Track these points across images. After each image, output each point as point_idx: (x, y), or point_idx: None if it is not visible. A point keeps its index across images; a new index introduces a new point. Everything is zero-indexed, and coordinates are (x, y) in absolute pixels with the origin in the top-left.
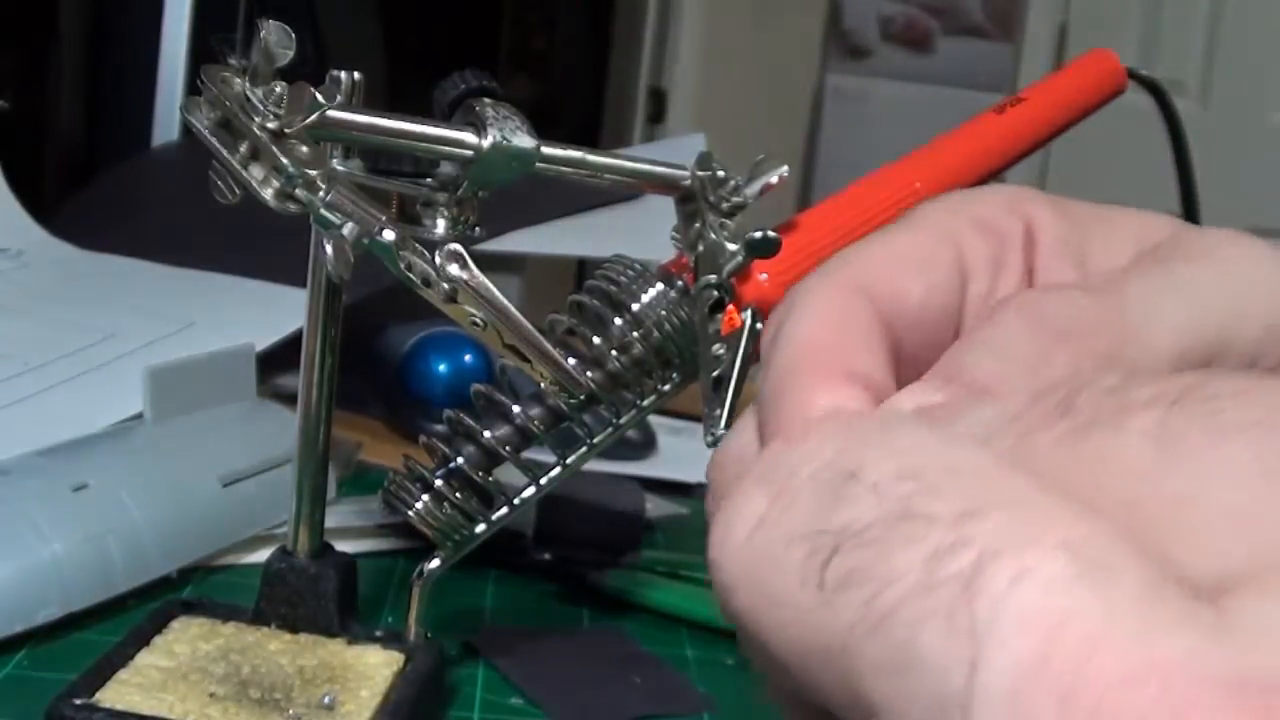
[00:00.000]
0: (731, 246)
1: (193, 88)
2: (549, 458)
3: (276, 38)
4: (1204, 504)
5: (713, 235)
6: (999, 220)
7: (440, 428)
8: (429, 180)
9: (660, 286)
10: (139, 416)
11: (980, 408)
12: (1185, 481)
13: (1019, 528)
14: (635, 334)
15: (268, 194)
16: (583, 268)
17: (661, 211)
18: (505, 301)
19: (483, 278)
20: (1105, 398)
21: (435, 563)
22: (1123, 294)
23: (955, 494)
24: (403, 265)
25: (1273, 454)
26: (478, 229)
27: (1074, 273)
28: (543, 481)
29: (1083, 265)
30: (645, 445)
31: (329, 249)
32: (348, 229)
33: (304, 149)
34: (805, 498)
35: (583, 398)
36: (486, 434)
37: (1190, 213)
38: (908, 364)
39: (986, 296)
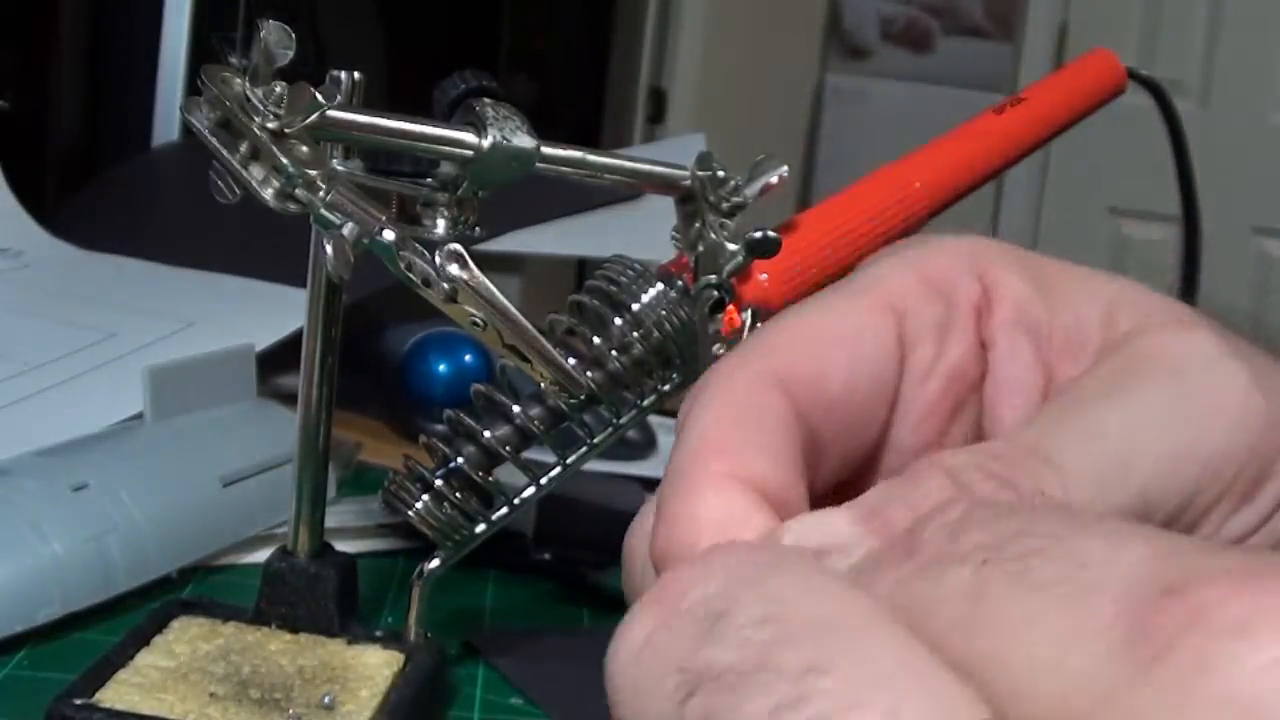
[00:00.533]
0: (731, 246)
1: (193, 88)
2: (549, 458)
3: (276, 38)
4: (1010, 663)
5: (713, 235)
6: (953, 281)
7: (440, 428)
8: (429, 180)
9: (660, 286)
10: (139, 416)
11: (857, 546)
12: (992, 641)
13: (852, 690)
14: (635, 334)
15: (268, 194)
16: (583, 268)
17: (661, 211)
18: (505, 301)
19: (483, 278)
20: (941, 539)
21: (435, 563)
22: (1049, 464)
23: (807, 646)
24: (403, 265)
25: (1065, 616)
26: (478, 229)
27: (1028, 345)
28: (543, 481)
29: (1039, 339)
30: (645, 445)
31: (329, 249)
32: (348, 229)
33: (304, 149)
34: (682, 629)
35: (583, 398)
36: (486, 434)
37: (1190, 213)
38: (832, 444)
39: (930, 364)
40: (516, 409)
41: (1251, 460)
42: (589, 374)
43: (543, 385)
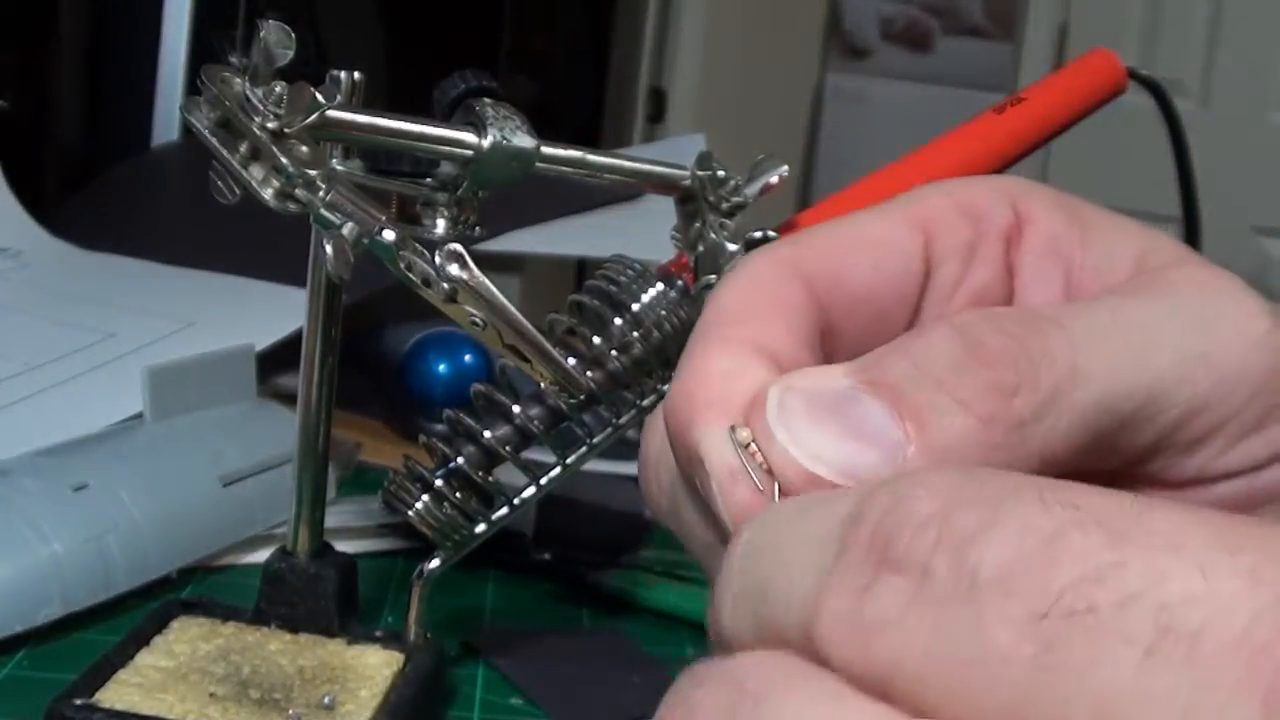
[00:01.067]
0: (731, 246)
1: (193, 88)
2: (549, 458)
3: (276, 38)
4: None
5: (713, 235)
6: (986, 208)
7: (440, 428)
8: (429, 180)
9: (660, 286)
10: (139, 416)
11: (851, 396)
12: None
13: None
14: (635, 334)
15: (268, 194)
16: (583, 268)
17: (661, 211)
18: (505, 301)
19: (483, 278)
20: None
21: (435, 563)
22: (1062, 330)
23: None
24: (403, 265)
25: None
26: (478, 229)
27: (1057, 275)
28: (543, 481)
29: (1070, 270)
30: None
31: (329, 249)
32: (348, 229)
33: (304, 149)
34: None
35: (583, 398)
36: (486, 434)
37: (1190, 213)
38: (849, 345)
39: (955, 283)
40: (516, 409)
41: (1265, 388)
42: (589, 374)
43: (543, 385)
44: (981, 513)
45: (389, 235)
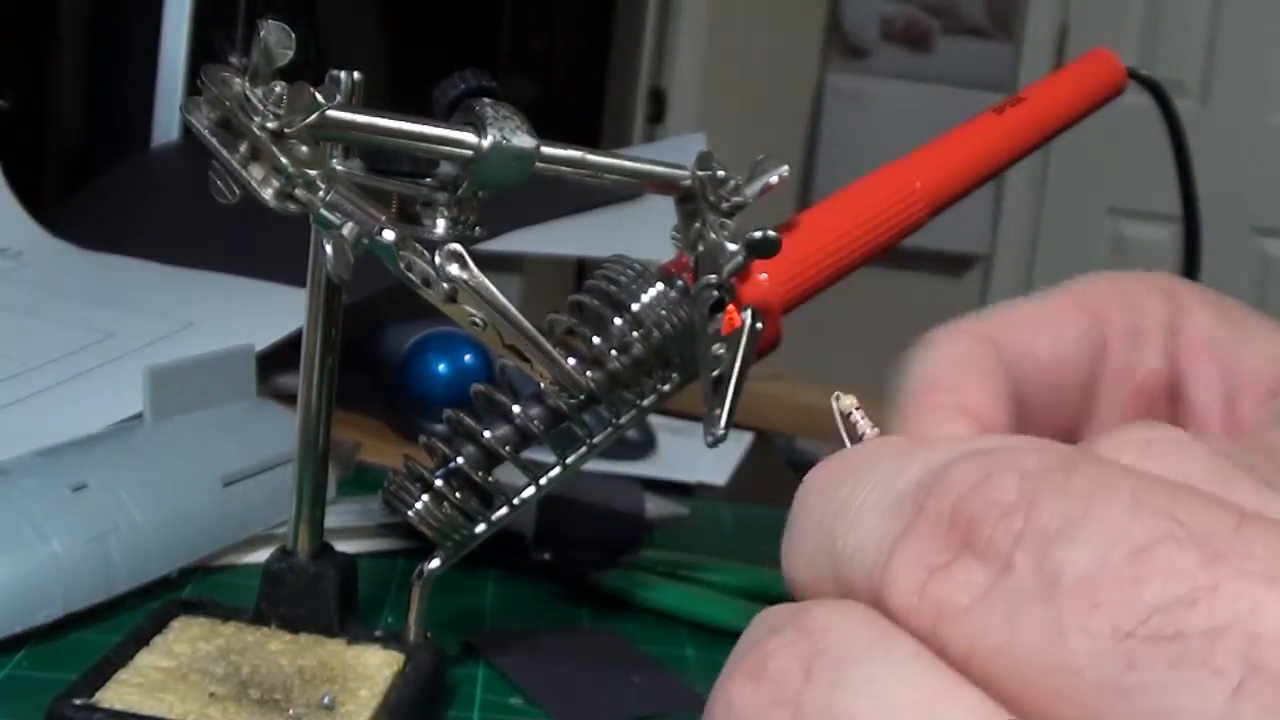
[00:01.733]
0: (731, 246)
1: (193, 88)
2: (549, 458)
3: (276, 38)
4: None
5: (713, 235)
6: (1144, 299)
7: (440, 428)
8: (429, 180)
9: (660, 286)
10: (139, 416)
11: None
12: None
13: None
14: (635, 334)
15: (268, 194)
16: (583, 268)
17: (661, 211)
18: (505, 301)
19: (483, 278)
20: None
21: (435, 563)
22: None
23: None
24: (403, 265)
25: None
26: (478, 229)
27: (1215, 374)
28: (543, 481)
29: (1227, 369)
30: (645, 445)
31: (329, 249)
32: (348, 229)
33: (304, 149)
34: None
35: (583, 398)
36: (486, 434)
37: (1190, 213)
38: (1032, 417)
39: (1125, 367)
40: (516, 409)
41: None
42: (589, 374)
43: (543, 385)
44: (1070, 508)
45: (389, 235)
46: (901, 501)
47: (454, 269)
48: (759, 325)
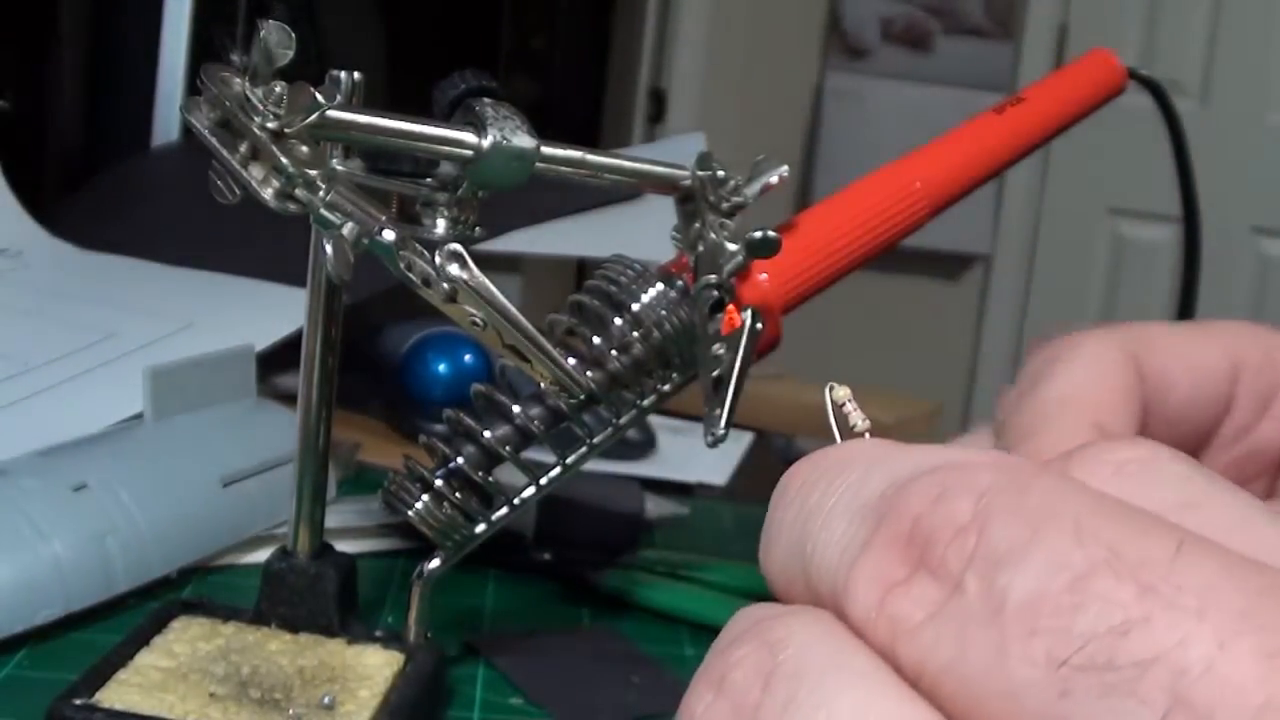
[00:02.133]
0: (731, 246)
1: (193, 88)
2: (549, 458)
3: (276, 38)
4: None
5: (713, 235)
6: None
7: (440, 428)
8: (429, 180)
9: (660, 286)
10: (139, 416)
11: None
12: None
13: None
14: (635, 334)
15: (268, 194)
16: (583, 268)
17: (661, 211)
18: (505, 301)
19: (483, 278)
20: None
21: (435, 563)
22: None
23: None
24: (403, 265)
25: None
26: (478, 229)
27: None
28: (543, 481)
29: None
30: (645, 445)
31: (329, 249)
32: (348, 229)
33: (304, 149)
34: None
35: (583, 398)
36: (486, 434)
37: (1190, 213)
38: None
39: (1245, 429)
40: (516, 409)
41: None
42: (589, 374)
43: (543, 385)
44: (1018, 532)
45: (389, 235)
46: (865, 512)
47: (454, 269)
48: (759, 325)
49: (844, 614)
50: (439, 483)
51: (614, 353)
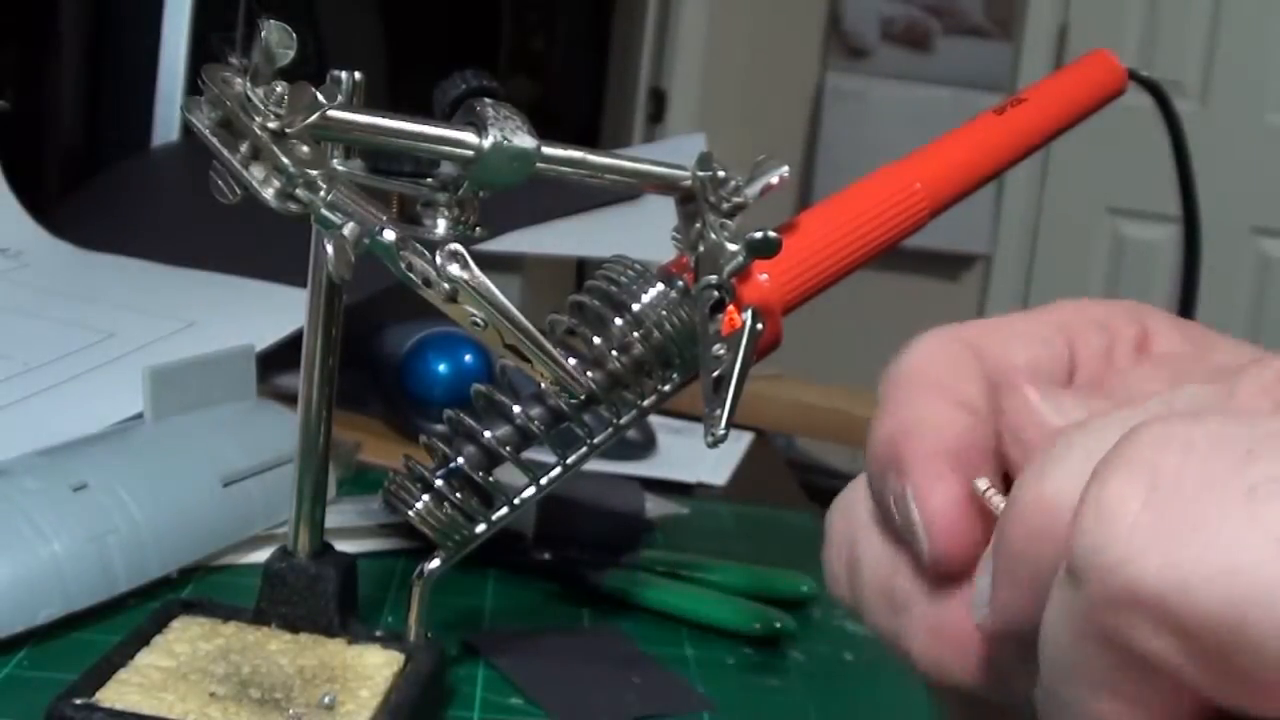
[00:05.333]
0: (732, 246)
1: (193, 88)
2: (549, 458)
3: (276, 38)
4: None
5: (713, 235)
6: (1115, 321)
7: (440, 428)
8: (429, 180)
9: (660, 286)
10: (139, 416)
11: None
12: None
13: None
14: (635, 334)
15: (268, 194)
16: (583, 268)
17: (661, 211)
18: (505, 301)
19: (483, 278)
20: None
21: (435, 563)
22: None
23: None
24: (403, 265)
25: None
26: (478, 229)
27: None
28: (543, 481)
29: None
30: (645, 445)
31: (329, 249)
32: (348, 229)
33: (304, 149)
34: None
35: (583, 398)
36: (486, 434)
37: (1190, 213)
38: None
39: (1091, 386)
40: (516, 409)
41: None
42: (589, 374)
43: (543, 385)
44: None
45: (389, 235)
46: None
47: (454, 269)
48: (759, 325)
49: None
50: (439, 483)
51: (614, 353)
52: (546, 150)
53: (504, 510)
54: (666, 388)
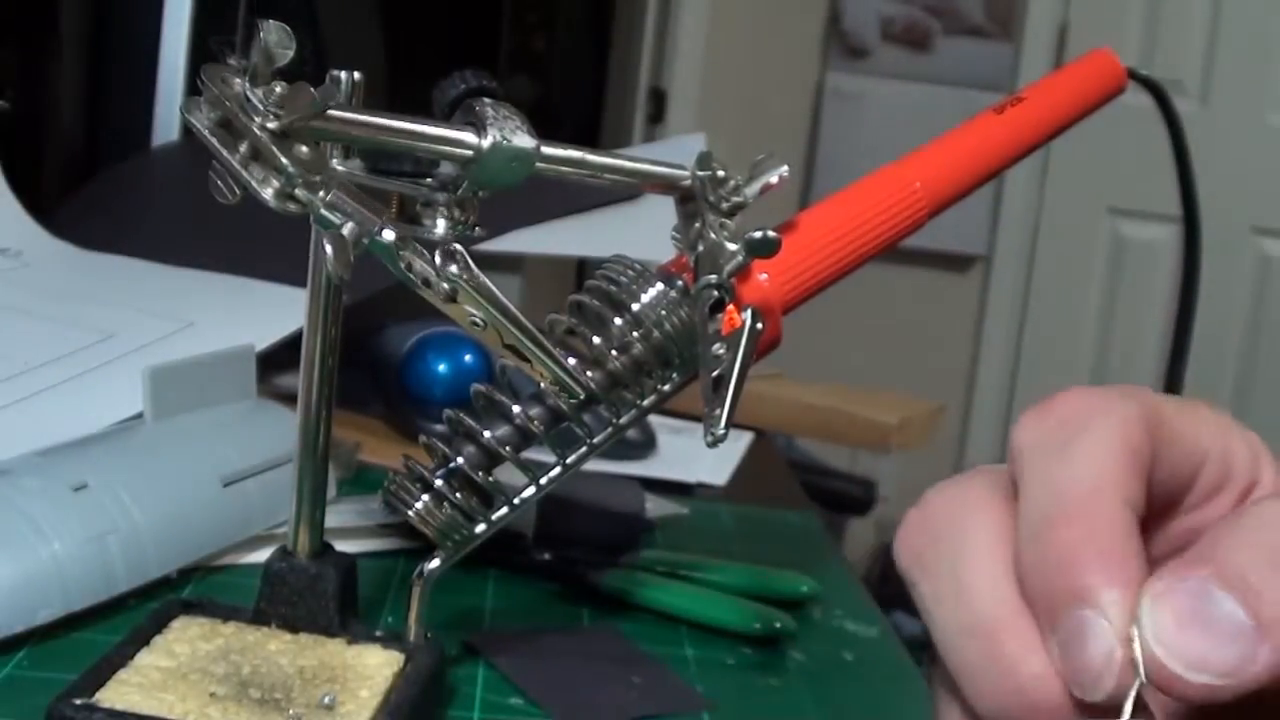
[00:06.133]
0: (731, 246)
1: (193, 88)
2: (549, 458)
3: (276, 38)
4: None
5: (713, 235)
6: (1239, 457)
7: (440, 428)
8: (429, 180)
9: (660, 286)
10: (139, 416)
11: None
12: None
13: None
14: (635, 334)
15: (268, 194)
16: (583, 268)
17: (661, 211)
18: (505, 301)
19: (483, 278)
20: None
21: (435, 563)
22: None
23: None
24: (403, 265)
25: None
26: (478, 229)
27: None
28: (543, 481)
29: None
30: (645, 445)
31: (329, 249)
32: (348, 229)
33: (304, 149)
34: None
35: (583, 398)
36: (486, 434)
37: (1190, 213)
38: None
39: (1194, 508)
40: (516, 409)
41: None
42: (589, 374)
43: (543, 385)
44: None
45: (389, 235)
46: None
47: (454, 269)
48: (759, 325)
49: None
50: (439, 483)
51: (614, 353)
52: (546, 150)
53: (504, 510)
54: (666, 388)
